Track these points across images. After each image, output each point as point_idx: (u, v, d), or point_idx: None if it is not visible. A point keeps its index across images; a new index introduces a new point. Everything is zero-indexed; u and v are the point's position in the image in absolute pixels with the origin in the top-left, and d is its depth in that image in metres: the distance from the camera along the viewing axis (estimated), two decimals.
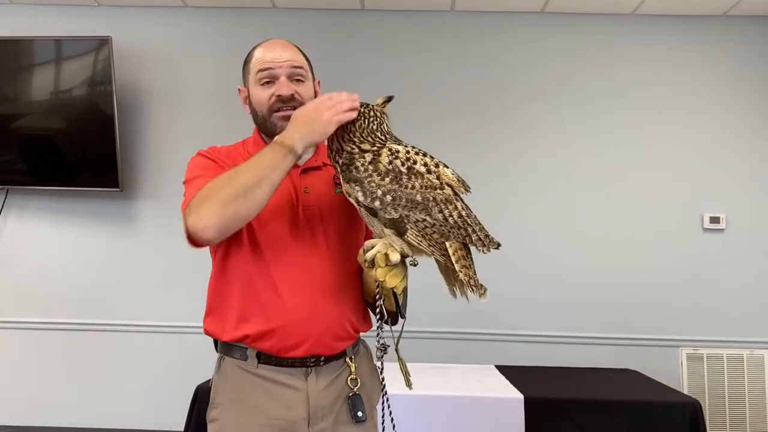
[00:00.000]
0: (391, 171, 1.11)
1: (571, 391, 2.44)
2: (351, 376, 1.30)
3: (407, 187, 1.11)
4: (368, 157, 1.13)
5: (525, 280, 3.24)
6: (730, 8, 3.24)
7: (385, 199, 1.10)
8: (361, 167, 1.12)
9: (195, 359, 3.11)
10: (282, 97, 1.29)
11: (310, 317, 1.24)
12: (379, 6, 3.36)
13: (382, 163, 1.12)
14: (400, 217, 1.11)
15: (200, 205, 1.11)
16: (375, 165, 1.12)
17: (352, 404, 1.28)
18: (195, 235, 1.12)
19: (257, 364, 1.25)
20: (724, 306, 3.19)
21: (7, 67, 3.20)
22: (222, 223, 1.11)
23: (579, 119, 3.32)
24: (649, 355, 3.15)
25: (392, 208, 1.10)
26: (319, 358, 1.27)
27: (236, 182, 1.11)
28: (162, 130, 3.38)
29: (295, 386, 1.25)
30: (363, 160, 1.12)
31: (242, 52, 1.44)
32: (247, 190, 1.10)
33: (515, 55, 3.37)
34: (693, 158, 3.27)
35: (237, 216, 1.12)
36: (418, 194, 1.11)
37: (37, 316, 3.29)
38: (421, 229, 1.12)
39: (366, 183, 1.11)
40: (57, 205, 3.34)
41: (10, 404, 3.25)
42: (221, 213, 1.10)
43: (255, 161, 1.15)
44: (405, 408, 2.04)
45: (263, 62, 1.32)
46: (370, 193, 1.11)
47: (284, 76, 1.30)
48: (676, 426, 2.18)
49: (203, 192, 1.13)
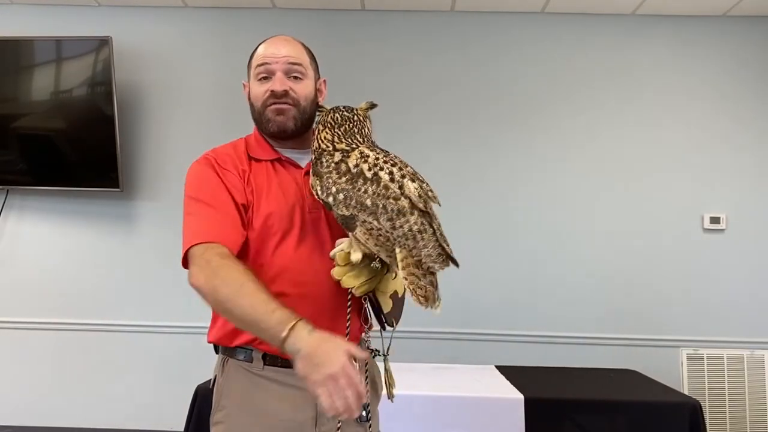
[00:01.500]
0: (350, 172, 1.15)
1: (571, 391, 2.44)
2: None
3: (359, 190, 1.14)
4: (337, 156, 1.17)
5: (525, 281, 3.24)
6: (730, 8, 3.24)
7: (337, 196, 1.14)
8: (325, 163, 1.17)
9: (195, 359, 3.10)
10: (275, 92, 1.29)
11: (319, 318, 1.22)
12: (379, 6, 3.36)
13: (347, 164, 1.16)
14: (351, 215, 1.14)
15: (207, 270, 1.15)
16: (339, 165, 1.16)
17: None
18: (189, 278, 1.19)
19: (263, 366, 1.25)
20: (724, 306, 3.18)
21: (7, 67, 3.20)
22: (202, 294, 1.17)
23: (579, 119, 3.32)
24: (649, 356, 3.15)
25: (344, 206, 1.14)
26: None
27: (232, 301, 1.12)
28: (162, 130, 3.38)
29: (301, 387, 1.24)
30: (330, 158, 1.17)
31: (242, 52, 1.44)
32: (227, 312, 1.17)
33: (515, 55, 3.37)
34: (693, 158, 3.27)
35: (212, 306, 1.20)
36: (369, 199, 1.13)
37: (37, 316, 3.29)
38: (368, 230, 1.14)
39: (325, 178, 1.16)
40: (57, 205, 3.34)
41: (10, 404, 3.25)
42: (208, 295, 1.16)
43: (256, 312, 1.09)
44: (405, 408, 2.04)
45: (262, 57, 1.32)
46: (326, 188, 1.16)
47: (280, 72, 1.30)
48: (676, 426, 2.18)
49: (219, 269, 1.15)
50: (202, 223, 1.22)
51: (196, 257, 1.17)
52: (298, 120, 1.31)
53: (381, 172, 1.15)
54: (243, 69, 1.41)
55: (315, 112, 1.34)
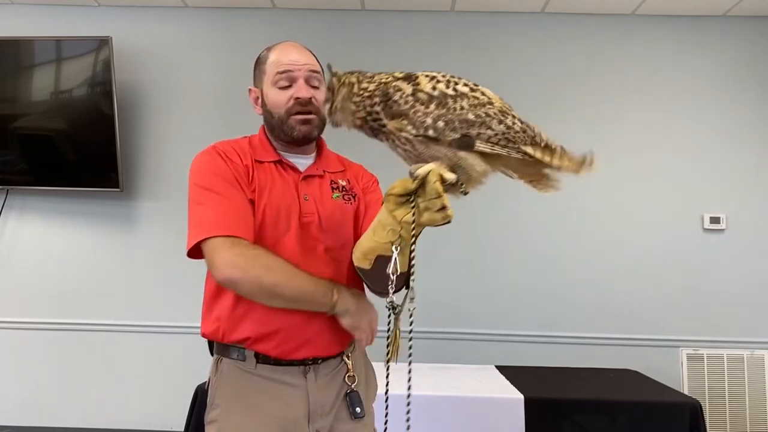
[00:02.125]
0: (435, 97, 1.05)
1: (571, 391, 2.44)
2: (348, 374, 1.32)
3: (455, 109, 1.05)
4: (407, 88, 1.06)
5: (525, 281, 3.24)
6: (730, 8, 3.24)
7: (437, 125, 1.03)
8: (401, 99, 1.05)
9: (195, 359, 3.11)
10: (301, 99, 1.29)
11: (309, 321, 1.25)
12: (379, 6, 3.36)
13: (424, 91, 1.05)
14: (462, 136, 1.04)
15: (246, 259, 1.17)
16: (416, 95, 1.05)
17: (351, 401, 1.30)
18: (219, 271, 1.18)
19: (256, 364, 1.26)
20: (724, 306, 3.18)
21: (7, 67, 3.20)
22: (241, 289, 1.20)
23: (579, 119, 3.32)
24: (650, 355, 3.15)
25: (450, 130, 1.03)
26: (317, 358, 1.28)
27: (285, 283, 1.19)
28: (162, 130, 3.38)
29: (294, 384, 1.26)
30: (401, 92, 1.06)
31: (242, 52, 1.44)
32: (280, 296, 1.20)
33: (515, 55, 3.37)
34: (693, 158, 3.27)
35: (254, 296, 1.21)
36: (470, 113, 1.05)
37: (37, 316, 3.29)
38: (488, 140, 1.06)
39: (412, 114, 1.04)
40: (57, 205, 3.34)
41: (10, 404, 3.25)
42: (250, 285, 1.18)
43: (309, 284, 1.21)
44: (404, 408, 2.04)
45: (282, 64, 1.31)
46: (419, 123, 1.03)
47: (302, 79, 1.31)
48: (676, 426, 2.18)
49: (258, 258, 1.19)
50: (218, 213, 1.21)
51: (220, 249, 1.18)
52: (319, 128, 1.34)
53: (457, 86, 1.07)
54: (243, 69, 1.41)
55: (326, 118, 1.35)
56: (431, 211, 1.04)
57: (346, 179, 1.41)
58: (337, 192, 1.36)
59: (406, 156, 1.09)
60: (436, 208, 1.03)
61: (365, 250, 1.17)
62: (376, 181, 1.48)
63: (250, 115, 1.38)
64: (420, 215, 1.05)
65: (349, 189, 1.39)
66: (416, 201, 1.05)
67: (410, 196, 1.05)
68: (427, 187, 1.02)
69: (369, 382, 1.40)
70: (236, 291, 1.22)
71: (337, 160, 1.45)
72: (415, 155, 1.07)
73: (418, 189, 1.03)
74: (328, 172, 1.39)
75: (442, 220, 1.05)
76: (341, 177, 1.40)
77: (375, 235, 1.14)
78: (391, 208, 1.08)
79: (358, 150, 1.54)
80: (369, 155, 1.52)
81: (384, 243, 1.12)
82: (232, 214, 1.22)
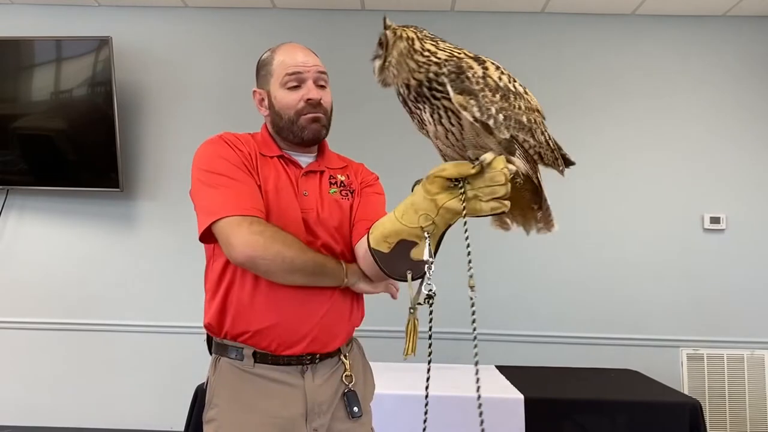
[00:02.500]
0: (501, 88, 0.99)
1: (572, 391, 2.44)
2: (346, 373, 1.32)
3: (515, 107, 1.00)
4: (478, 68, 0.99)
5: (525, 281, 3.24)
6: (731, 8, 3.24)
7: (498, 117, 0.98)
8: (473, 78, 0.98)
9: (195, 359, 3.10)
10: (312, 101, 1.30)
11: (307, 315, 1.26)
12: (379, 6, 3.36)
13: (492, 78, 0.99)
14: (511, 138, 1.00)
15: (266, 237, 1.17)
16: (486, 79, 0.99)
17: (348, 400, 1.31)
18: (238, 250, 1.17)
19: (254, 363, 1.26)
20: (724, 306, 3.18)
21: (7, 67, 3.20)
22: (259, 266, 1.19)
23: (578, 119, 3.32)
24: (649, 355, 3.15)
25: (504, 127, 0.98)
26: (314, 356, 1.28)
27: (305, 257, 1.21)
28: (162, 130, 3.38)
29: (291, 383, 1.26)
30: (473, 71, 0.98)
31: (242, 52, 1.45)
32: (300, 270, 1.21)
33: (515, 55, 3.36)
34: (693, 158, 3.27)
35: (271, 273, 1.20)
36: (524, 115, 1.01)
37: (37, 316, 3.29)
38: (525, 150, 1.02)
39: (480, 97, 0.97)
40: (57, 205, 3.34)
41: (10, 404, 3.25)
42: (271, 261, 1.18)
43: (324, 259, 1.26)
44: (404, 408, 2.04)
45: (290, 66, 1.31)
46: (485, 108, 0.97)
47: (311, 80, 1.32)
48: (676, 426, 2.18)
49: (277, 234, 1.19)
50: (230, 195, 1.21)
51: (236, 228, 1.17)
52: (327, 129, 1.36)
53: (516, 83, 1.03)
54: (243, 68, 1.41)
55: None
56: (479, 200, 0.98)
57: (345, 175, 1.41)
58: (334, 187, 1.36)
59: (444, 137, 1.02)
60: (495, 195, 0.97)
61: (387, 233, 1.10)
62: (377, 178, 1.48)
63: (250, 115, 1.38)
64: (468, 202, 0.98)
65: (347, 184, 1.39)
66: (465, 187, 0.99)
67: (459, 182, 0.99)
68: (489, 173, 0.96)
69: (367, 382, 1.41)
70: (255, 269, 1.20)
71: (338, 158, 1.46)
72: (455, 140, 1.01)
73: (468, 177, 0.98)
74: (329, 169, 1.39)
75: (490, 210, 1.00)
76: (340, 173, 1.41)
77: (403, 218, 1.07)
78: (433, 191, 1.01)
79: (359, 148, 1.54)
80: (369, 155, 1.51)
81: (413, 227, 1.06)
82: (244, 196, 1.22)
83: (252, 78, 1.42)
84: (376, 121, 3.26)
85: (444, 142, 1.03)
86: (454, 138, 1.01)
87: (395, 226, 1.09)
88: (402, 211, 1.08)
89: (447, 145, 1.03)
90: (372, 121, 3.28)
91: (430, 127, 1.03)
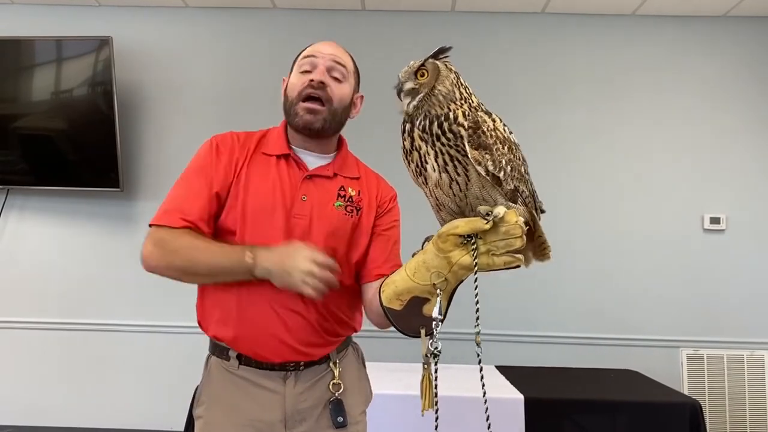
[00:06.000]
0: (508, 140, 1.02)
1: (572, 392, 2.44)
2: (334, 381, 1.29)
3: (518, 158, 1.03)
4: (489, 121, 1.01)
5: (525, 281, 3.24)
6: (731, 9, 3.24)
7: (507, 169, 0.99)
8: (488, 132, 0.99)
9: (195, 359, 3.09)
10: (313, 82, 1.28)
11: (276, 327, 1.23)
12: (379, 6, 3.36)
13: (500, 130, 1.01)
14: (514, 188, 1.01)
15: (160, 247, 1.20)
16: (495, 132, 1.00)
17: (333, 409, 1.27)
18: (143, 259, 1.22)
19: (238, 365, 1.27)
20: (724, 306, 3.18)
21: (7, 67, 3.20)
22: (159, 273, 1.22)
23: (579, 120, 3.32)
24: (649, 356, 3.15)
25: (510, 179, 1.00)
26: (298, 363, 1.27)
27: (193, 261, 1.19)
28: (162, 130, 3.38)
29: (272, 389, 1.26)
30: (486, 124, 1.00)
31: (243, 52, 1.45)
32: (195, 273, 1.21)
33: (515, 55, 3.37)
34: (693, 159, 3.27)
35: (178, 278, 1.23)
36: (523, 166, 1.04)
37: (37, 316, 3.29)
38: (523, 199, 1.05)
39: (494, 150, 0.98)
40: (58, 205, 3.34)
41: (10, 404, 3.25)
42: (166, 270, 1.21)
43: (219, 257, 1.19)
44: (404, 408, 2.04)
45: (308, 52, 1.34)
46: (498, 162, 0.98)
47: (323, 66, 1.31)
48: (676, 426, 2.18)
49: (170, 242, 1.20)
50: (169, 200, 1.27)
51: (146, 240, 1.22)
52: (327, 121, 1.30)
53: (512, 135, 1.05)
54: (243, 68, 1.42)
55: (345, 119, 1.35)
56: (492, 254, 0.97)
57: (357, 189, 1.34)
58: (340, 201, 1.30)
59: (448, 186, 1.00)
60: (510, 248, 0.97)
61: (399, 291, 1.07)
62: (395, 197, 1.41)
63: (251, 115, 1.39)
64: (480, 257, 0.98)
65: (356, 201, 1.32)
66: (477, 243, 0.97)
67: (471, 237, 0.97)
68: (504, 227, 0.95)
69: (360, 390, 1.37)
70: (161, 275, 1.23)
71: (355, 165, 1.40)
72: (459, 190, 1.00)
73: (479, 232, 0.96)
74: (340, 176, 1.34)
75: (505, 265, 1.00)
76: (353, 185, 1.34)
77: (415, 276, 1.04)
78: (446, 249, 0.99)
79: (359, 148, 1.53)
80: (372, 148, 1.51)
81: (425, 285, 1.03)
82: (179, 199, 1.26)
83: (252, 78, 1.42)
84: (374, 121, 3.26)
85: (446, 192, 1.01)
86: (458, 188, 1.00)
87: (407, 284, 1.06)
88: (413, 269, 1.05)
89: (447, 194, 1.01)
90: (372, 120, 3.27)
91: (433, 174, 1.00)
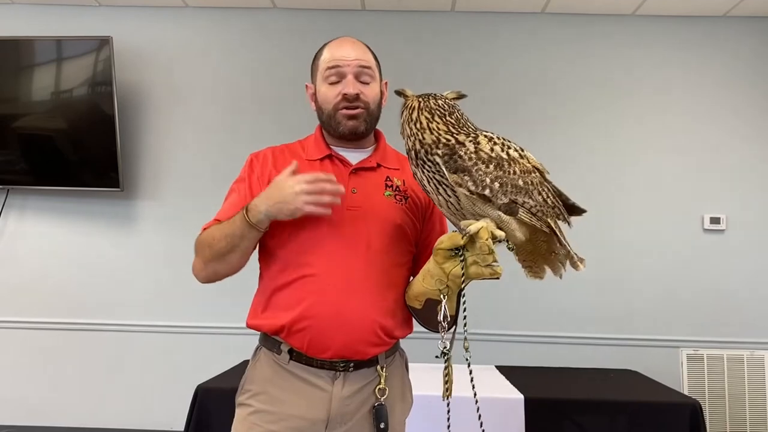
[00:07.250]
0: (494, 158, 1.10)
1: (572, 392, 2.44)
2: (379, 386, 1.29)
3: (509, 173, 1.11)
4: (470, 146, 1.11)
5: (525, 281, 3.23)
6: (731, 9, 3.24)
7: (493, 186, 1.09)
8: (465, 156, 1.10)
9: (195, 359, 3.11)
10: (348, 96, 1.31)
11: (339, 318, 1.23)
12: (379, 6, 3.36)
13: (484, 151, 1.10)
14: (510, 202, 1.11)
15: (196, 255, 1.30)
16: (478, 154, 1.10)
17: (376, 414, 1.27)
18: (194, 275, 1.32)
19: (288, 360, 1.27)
20: (724, 306, 3.18)
21: (7, 67, 3.20)
22: (205, 277, 1.30)
23: (579, 120, 3.32)
24: (649, 356, 3.15)
25: (502, 193, 1.10)
26: (348, 363, 1.26)
27: (215, 248, 1.25)
28: (163, 130, 3.38)
29: (320, 387, 1.26)
30: (465, 149, 1.10)
31: (243, 52, 1.45)
32: (222, 256, 1.25)
33: (516, 55, 3.37)
34: (693, 159, 3.27)
35: (217, 273, 1.29)
36: (520, 179, 1.12)
37: (37, 316, 3.29)
38: (529, 209, 1.13)
39: (474, 171, 1.09)
40: (58, 204, 3.34)
41: (10, 404, 3.25)
42: (203, 270, 1.30)
43: (228, 230, 1.24)
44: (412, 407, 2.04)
45: (332, 60, 1.33)
46: (479, 181, 1.09)
47: (351, 75, 1.32)
48: (676, 426, 2.18)
49: (197, 244, 1.30)
50: (220, 212, 1.33)
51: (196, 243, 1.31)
52: (368, 123, 1.35)
53: (510, 150, 1.13)
54: (243, 68, 1.41)
55: (380, 113, 1.39)
56: (479, 265, 1.10)
57: (402, 179, 1.38)
58: (389, 190, 1.34)
59: (447, 205, 1.13)
60: (485, 263, 1.09)
61: (416, 294, 1.23)
62: None
63: (251, 115, 1.39)
64: (467, 268, 1.11)
65: (403, 190, 1.36)
66: (464, 255, 1.11)
67: (459, 250, 1.11)
68: (478, 243, 1.07)
69: (404, 399, 1.39)
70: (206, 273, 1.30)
71: (395, 156, 1.43)
72: (456, 208, 1.13)
73: (466, 244, 1.09)
74: (383, 166, 1.37)
75: (490, 276, 1.11)
76: (397, 175, 1.38)
77: (424, 282, 1.20)
78: (440, 261, 1.14)
79: None
80: None
81: (432, 290, 1.19)
82: (218, 213, 1.32)
83: (252, 78, 1.42)
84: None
85: (446, 210, 1.15)
86: (454, 207, 1.13)
87: (420, 288, 1.22)
88: (422, 276, 1.21)
89: (449, 212, 1.15)
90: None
91: (433, 196, 1.15)
